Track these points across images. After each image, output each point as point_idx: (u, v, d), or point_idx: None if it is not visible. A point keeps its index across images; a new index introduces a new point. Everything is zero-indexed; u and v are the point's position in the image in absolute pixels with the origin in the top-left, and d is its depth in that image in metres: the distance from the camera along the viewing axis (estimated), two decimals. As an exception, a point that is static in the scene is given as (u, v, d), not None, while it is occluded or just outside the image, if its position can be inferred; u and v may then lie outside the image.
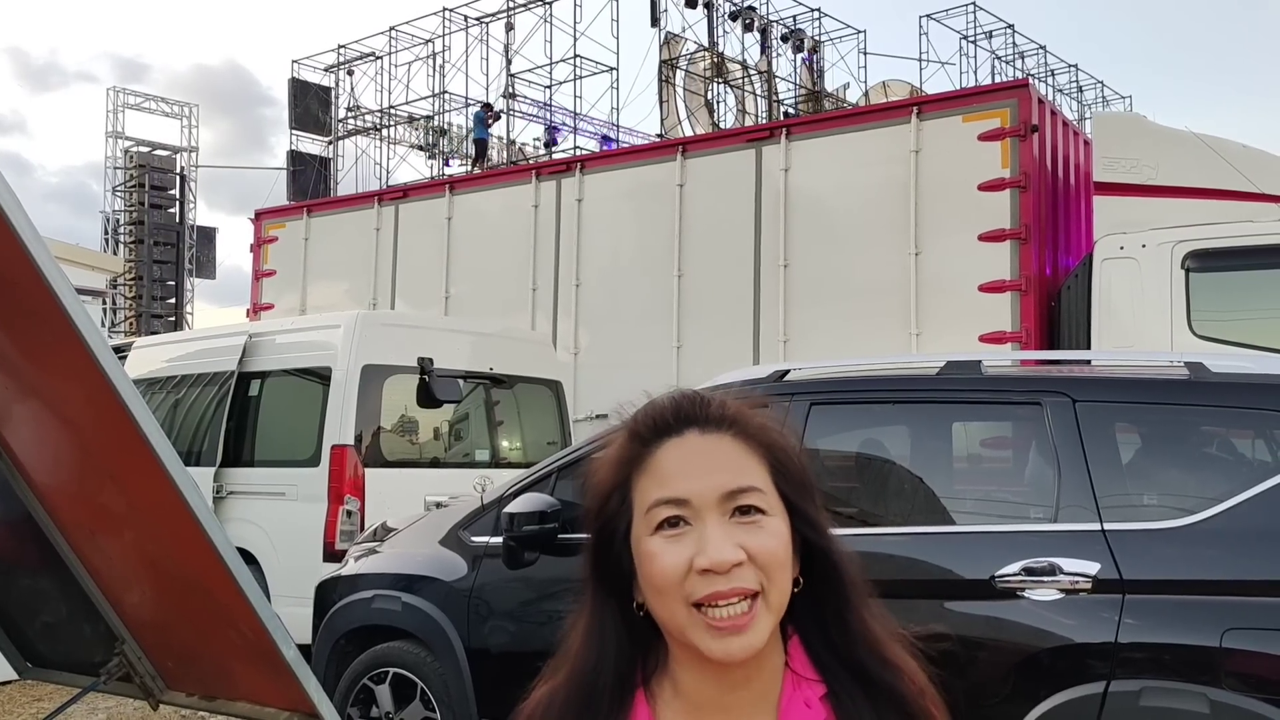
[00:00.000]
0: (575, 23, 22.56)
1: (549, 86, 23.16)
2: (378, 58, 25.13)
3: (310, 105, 25.76)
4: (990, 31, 24.80)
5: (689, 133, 21.03)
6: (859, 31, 25.53)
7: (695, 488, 1.01)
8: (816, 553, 1.07)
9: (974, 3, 24.31)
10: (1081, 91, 26.61)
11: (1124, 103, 27.50)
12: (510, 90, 22.88)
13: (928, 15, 24.34)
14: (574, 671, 1.08)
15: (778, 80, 24.80)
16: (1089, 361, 4.87)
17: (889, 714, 1.04)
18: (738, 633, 0.99)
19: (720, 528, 1.00)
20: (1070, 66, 26.42)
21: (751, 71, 24.57)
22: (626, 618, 1.06)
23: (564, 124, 23.39)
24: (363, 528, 6.47)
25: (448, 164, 24.75)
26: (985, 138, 8.26)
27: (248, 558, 6.84)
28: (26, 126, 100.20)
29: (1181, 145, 7.70)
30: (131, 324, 29.43)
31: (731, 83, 24.29)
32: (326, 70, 25.94)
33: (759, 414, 1.08)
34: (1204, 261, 7.22)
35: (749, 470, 1.03)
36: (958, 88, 19.26)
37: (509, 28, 23.48)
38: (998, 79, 22.96)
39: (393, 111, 24.98)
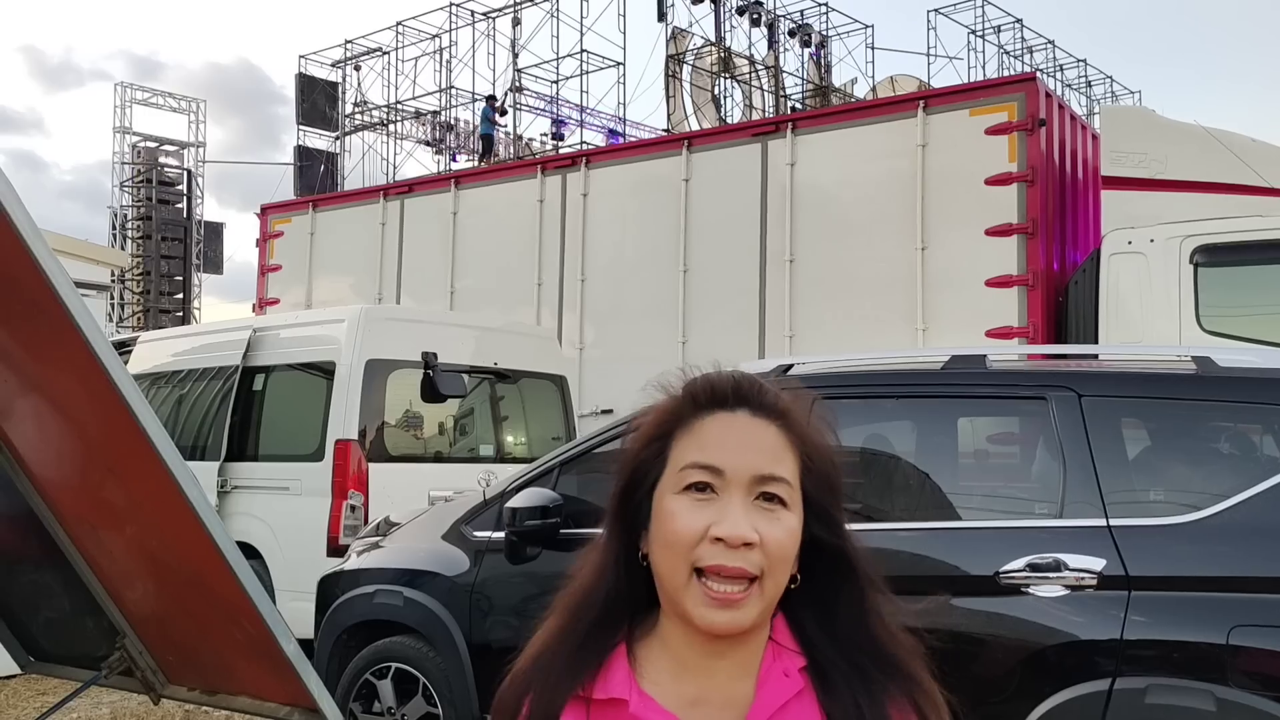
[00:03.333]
0: (582, 17, 22.56)
1: (556, 81, 23.16)
2: (384, 53, 25.13)
3: (317, 100, 25.77)
4: (999, 26, 24.71)
5: (696, 128, 21.00)
6: (867, 26, 25.47)
7: (732, 462, 1.06)
8: (831, 551, 1.11)
9: (982, -3, 24.22)
10: (1090, 86, 26.51)
11: (1133, 97, 27.41)
12: (517, 85, 22.86)
13: (935, 10, 24.27)
14: (575, 603, 1.14)
15: (785, 75, 24.75)
16: (1095, 356, 4.84)
17: (875, 691, 1.07)
18: (729, 607, 1.04)
19: (743, 506, 1.05)
20: (1079, 61, 26.32)
21: (758, 66, 24.52)
22: (631, 562, 1.12)
23: (570, 118, 23.37)
24: (366, 522, 6.46)
25: (454, 159, 24.75)
26: (992, 132, 8.22)
27: (251, 552, 6.84)
28: (42, 125, 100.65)
29: (1190, 139, 7.66)
30: (139, 319, 29.51)
31: (738, 78, 24.25)
32: (334, 65, 25.95)
33: (805, 411, 1.14)
34: (1212, 256, 7.18)
35: (783, 461, 1.08)
36: (966, 82, 19.20)
37: (516, 22, 23.48)
38: (1006, 73, 22.87)
39: (399, 107, 24.98)
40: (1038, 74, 10.31)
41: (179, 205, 31.25)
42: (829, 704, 1.07)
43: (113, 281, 24.40)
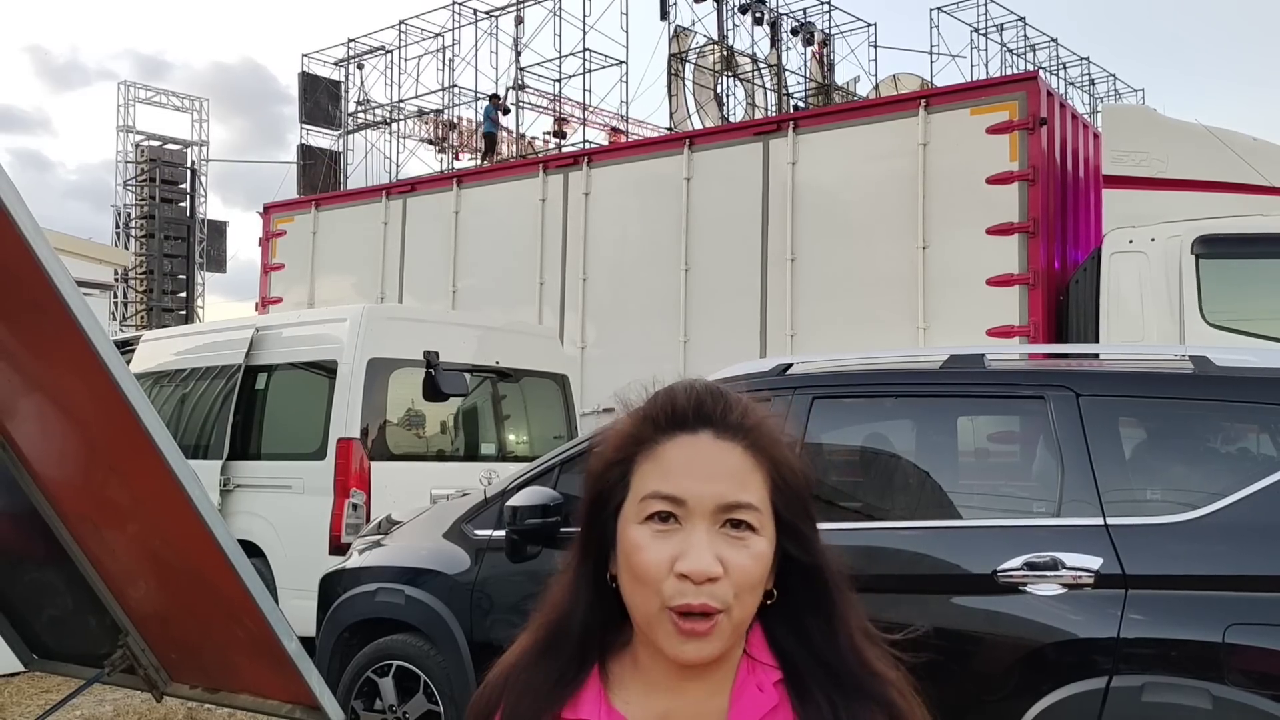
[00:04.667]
0: (585, 16, 22.55)
1: (558, 80, 23.16)
2: (387, 51, 25.14)
3: (320, 99, 25.78)
4: (1001, 24, 24.67)
5: (699, 126, 21.00)
6: (869, 24, 25.43)
7: (695, 491, 1.03)
8: (803, 569, 1.08)
9: (985, -5, 24.19)
10: (1093, 84, 26.47)
11: (1136, 96, 27.36)
12: (520, 83, 22.87)
13: (938, 8, 24.24)
14: (549, 621, 1.13)
15: (787, 74, 24.74)
16: (1094, 355, 4.85)
17: (854, 705, 1.05)
18: (697, 638, 1.02)
19: (707, 536, 1.02)
20: (1082, 59, 26.28)
21: (761, 65, 24.51)
22: (599, 583, 1.10)
23: (573, 115, 23.38)
24: (368, 521, 6.48)
25: (457, 158, 24.75)
26: (993, 131, 8.23)
27: (254, 550, 6.86)
28: (49, 125, 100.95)
29: (1191, 138, 7.66)
30: (142, 317, 29.55)
31: (741, 76, 24.24)
32: (336, 64, 25.96)
33: (774, 426, 1.09)
34: (1212, 252, 7.17)
35: (750, 486, 1.04)
36: (968, 81, 19.17)
37: (518, 21, 23.47)
38: (1009, 72, 22.84)
39: (402, 105, 25.00)
40: (1039, 73, 10.31)
41: (182, 204, 31.29)
42: (806, 717, 1.05)
43: (116, 280, 24.44)
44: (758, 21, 24.07)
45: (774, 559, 1.07)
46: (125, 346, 8.80)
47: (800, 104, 23.96)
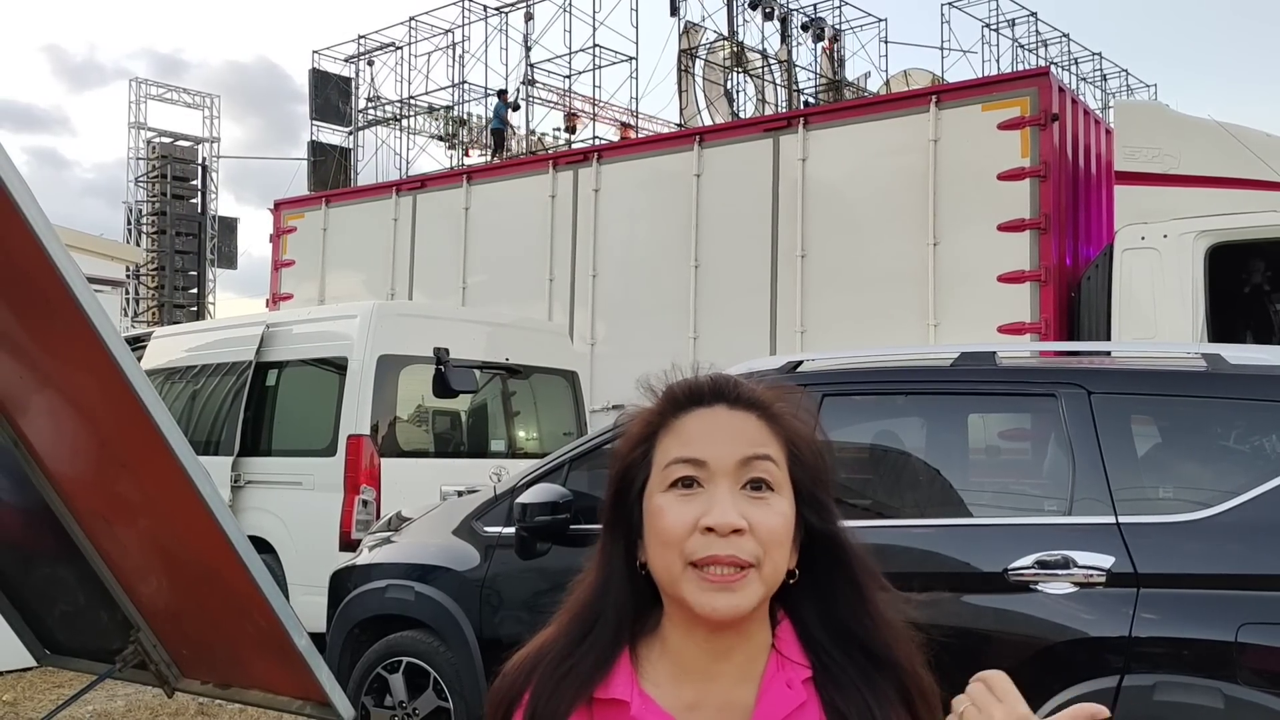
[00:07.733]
0: (594, 12, 22.53)
1: (568, 76, 23.15)
2: (398, 48, 25.16)
3: (331, 96, 25.81)
4: (1013, 19, 24.57)
5: (709, 122, 20.97)
6: (880, 20, 25.37)
7: (714, 451, 1.07)
8: (823, 540, 1.11)
9: (996, -10, 24.08)
10: (1105, 80, 26.35)
11: (1148, 91, 27.22)
12: (530, 79, 22.88)
13: (949, 3, 24.15)
14: (578, 605, 1.15)
15: (798, 69, 24.68)
16: (1106, 352, 4.83)
17: (883, 698, 1.07)
18: (727, 589, 1.03)
19: (730, 494, 1.05)
20: (1094, 55, 26.16)
21: (771, 61, 24.47)
22: (630, 570, 1.12)
23: (583, 111, 23.37)
24: (378, 517, 6.49)
25: (467, 154, 24.76)
26: (1005, 127, 8.19)
27: (264, 546, 6.88)
28: (68, 123, 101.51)
29: (1204, 134, 7.61)
30: (154, 314, 29.65)
31: (751, 72, 24.20)
32: (347, 60, 26.00)
33: (785, 401, 1.14)
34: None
35: (767, 446, 1.09)
36: (979, 76, 19.10)
37: (528, 17, 23.46)
38: (1020, 67, 22.74)
39: (412, 102, 25.02)
40: (1050, 69, 10.27)
41: (193, 200, 31.37)
42: (836, 717, 1.06)
43: (128, 277, 24.53)
44: (768, 17, 24.03)
45: (796, 534, 1.09)
46: (136, 343, 8.83)
47: (810, 100, 23.91)
